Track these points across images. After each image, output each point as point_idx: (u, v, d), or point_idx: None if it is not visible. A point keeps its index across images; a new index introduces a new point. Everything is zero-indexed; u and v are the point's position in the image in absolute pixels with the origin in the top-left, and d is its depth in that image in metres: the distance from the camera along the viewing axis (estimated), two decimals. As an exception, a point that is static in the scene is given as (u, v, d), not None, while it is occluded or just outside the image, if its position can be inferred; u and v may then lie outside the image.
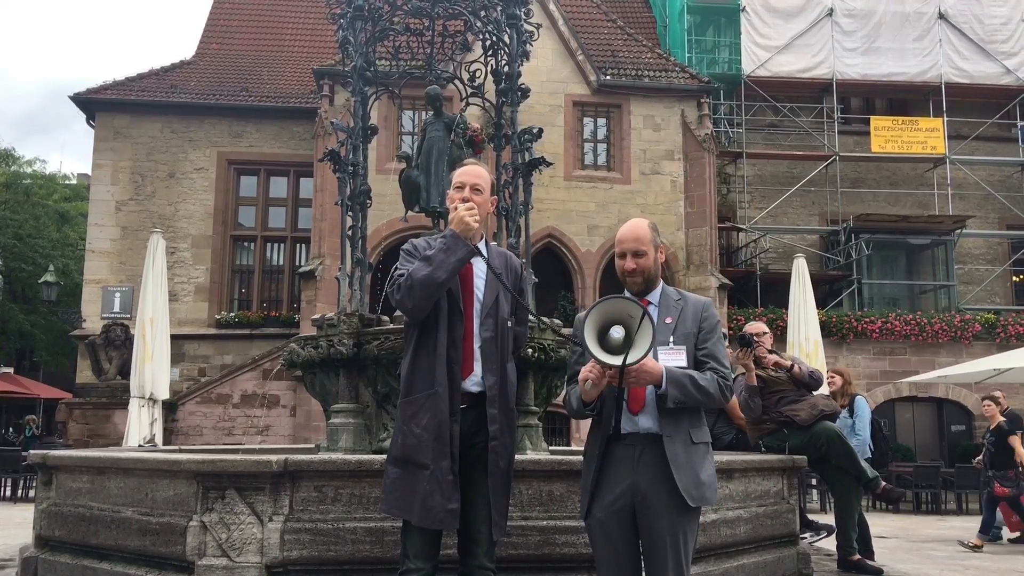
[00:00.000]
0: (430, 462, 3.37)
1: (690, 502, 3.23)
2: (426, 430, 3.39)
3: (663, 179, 20.06)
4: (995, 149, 23.79)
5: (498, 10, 6.82)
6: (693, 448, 3.31)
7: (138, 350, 12.40)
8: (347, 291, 6.47)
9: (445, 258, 3.41)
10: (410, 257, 3.54)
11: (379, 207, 7.62)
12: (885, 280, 23.07)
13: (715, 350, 3.40)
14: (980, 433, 20.06)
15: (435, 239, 3.63)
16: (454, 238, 3.47)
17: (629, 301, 3.21)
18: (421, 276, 3.38)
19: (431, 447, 3.38)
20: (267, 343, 19.83)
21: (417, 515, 3.36)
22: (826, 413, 6.51)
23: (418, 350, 3.49)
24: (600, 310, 3.18)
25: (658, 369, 3.21)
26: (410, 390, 3.47)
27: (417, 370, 3.47)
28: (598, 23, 22.10)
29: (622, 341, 3.12)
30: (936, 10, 23.04)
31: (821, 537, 7.39)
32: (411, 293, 3.40)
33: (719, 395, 3.31)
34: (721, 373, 3.34)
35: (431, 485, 3.35)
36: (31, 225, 30.34)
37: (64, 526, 5.27)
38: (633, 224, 3.56)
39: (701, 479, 3.28)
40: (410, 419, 3.42)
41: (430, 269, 3.39)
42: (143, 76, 22.28)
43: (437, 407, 3.41)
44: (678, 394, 3.23)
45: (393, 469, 3.46)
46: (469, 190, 3.60)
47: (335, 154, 6.66)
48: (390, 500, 3.45)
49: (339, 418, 5.86)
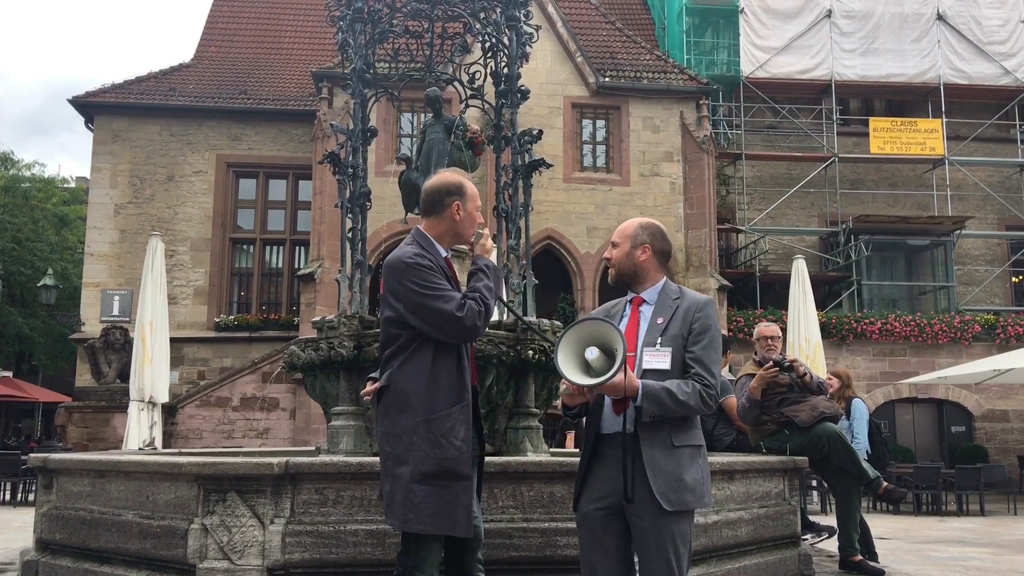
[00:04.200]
0: (470, 473, 3.42)
1: (666, 506, 3.21)
2: (465, 442, 3.40)
3: (662, 181, 20.07)
4: (994, 150, 23.81)
5: (497, 12, 6.82)
6: (675, 451, 3.26)
7: (137, 353, 12.39)
8: (347, 293, 6.46)
9: (499, 289, 3.66)
10: (439, 277, 3.45)
11: (379, 209, 7.61)
12: (885, 281, 23.07)
13: (703, 355, 3.31)
14: (980, 434, 20.13)
15: (466, 262, 3.84)
16: (497, 270, 3.69)
17: (603, 323, 3.25)
18: (490, 305, 3.52)
19: (469, 457, 3.42)
20: (266, 346, 19.80)
21: (463, 527, 3.36)
22: (827, 415, 6.52)
23: (437, 363, 3.44)
24: (576, 331, 3.27)
25: (633, 386, 3.20)
26: (434, 405, 3.39)
27: (440, 384, 3.42)
28: (597, 25, 22.12)
29: (601, 359, 3.20)
30: (934, 11, 23.06)
31: (823, 538, 7.39)
32: (487, 324, 3.55)
33: (700, 406, 3.25)
34: (704, 382, 3.25)
35: (472, 495, 3.41)
36: (30, 228, 30.30)
37: (65, 529, 5.26)
38: (627, 220, 3.66)
39: (684, 482, 3.23)
40: (448, 433, 3.36)
41: (494, 301, 3.57)
42: (142, 79, 22.28)
43: (469, 418, 3.46)
44: (654, 408, 3.22)
45: (423, 487, 3.32)
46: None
47: (334, 156, 6.66)
48: (427, 518, 3.32)
49: (340, 420, 5.85)
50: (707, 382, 3.26)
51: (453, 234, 3.64)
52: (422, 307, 3.39)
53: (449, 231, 3.62)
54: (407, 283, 3.41)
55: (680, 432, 3.29)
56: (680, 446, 3.28)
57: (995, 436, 20.11)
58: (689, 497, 3.24)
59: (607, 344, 3.20)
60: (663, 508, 3.20)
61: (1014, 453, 19.54)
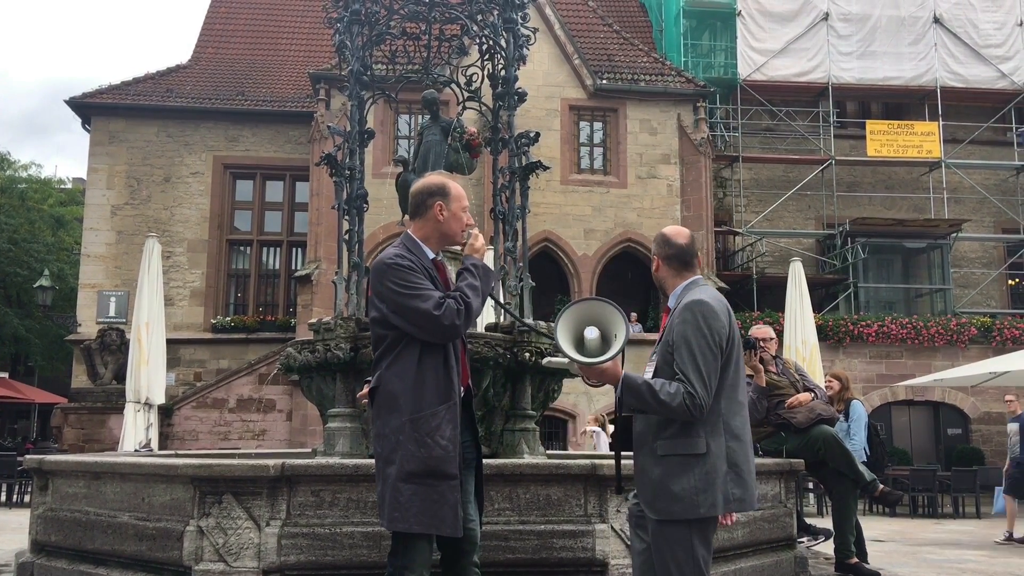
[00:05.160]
0: (456, 472, 3.42)
1: (651, 514, 3.22)
2: (451, 441, 3.41)
3: (659, 183, 20.09)
4: (990, 153, 23.85)
5: (495, 14, 6.83)
6: (662, 460, 3.23)
7: (134, 355, 12.40)
8: (344, 295, 6.47)
9: (487, 289, 3.62)
10: (419, 277, 3.47)
11: (376, 211, 7.63)
12: (881, 284, 23.09)
13: (682, 364, 3.19)
14: (975, 436, 20.15)
15: (458, 264, 3.74)
16: (486, 269, 3.65)
17: (613, 309, 3.21)
18: (476, 306, 3.52)
19: (456, 457, 3.42)
20: (263, 347, 19.78)
21: (450, 526, 3.36)
22: (823, 417, 6.52)
23: (423, 363, 3.46)
24: (583, 308, 3.26)
25: (615, 374, 3.19)
26: (420, 404, 3.41)
27: (426, 383, 3.44)
28: (594, 27, 22.14)
29: (597, 341, 3.18)
30: (931, 15, 23.10)
31: (819, 541, 7.39)
32: (469, 322, 3.53)
33: (683, 410, 3.14)
34: (687, 389, 3.14)
35: (458, 494, 3.41)
36: (26, 229, 30.26)
37: (60, 531, 5.25)
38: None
39: (671, 492, 3.18)
40: (433, 432, 3.38)
41: (480, 300, 3.56)
42: (139, 80, 22.25)
43: (456, 417, 3.46)
44: (633, 401, 3.21)
45: (409, 486, 3.34)
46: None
47: (332, 158, 6.66)
48: (413, 517, 3.33)
49: (336, 422, 5.85)
50: (689, 390, 3.15)
51: (440, 235, 3.65)
52: (402, 307, 3.42)
53: (435, 232, 3.64)
54: (388, 283, 3.46)
55: (666, 440, 3.23)
56: (667, 455, 3.22)
57: (991, 439, 20.10)
58: (676, 507, 3.18)
59: (608, 329, 3.18)
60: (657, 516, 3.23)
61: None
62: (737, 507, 3.28)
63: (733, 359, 3.31)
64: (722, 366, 3.26)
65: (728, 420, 3.27)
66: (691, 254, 3.48)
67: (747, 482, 3.28)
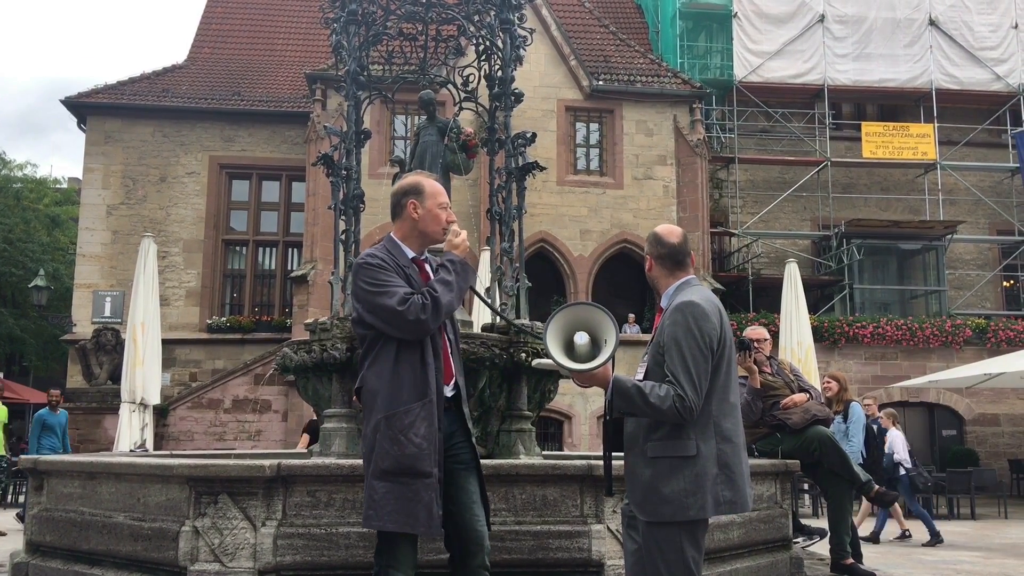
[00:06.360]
0: (432, 471, 3.38)
1: (641, 515, 3.23)
2: (425, 439, 3.39)
3: (655, 184, 20.10)
4: (985, 155, 23.89)
5: (491, 15, 6.82)
6: (652, 462, 3.22)
7: (129, 355, 12.38)
8: (340, 295, 6.46)
9: (464, 285, 3.57)
10: (388, 274, 3.48)
11: (372, 211, 7.62)
12: (876, 285, 23.11)
13: (671, 367, 3.17)
14: (970, 438, 20.19)
15: (437, 260, 3.69)
16: (464, 264, 3.62)
17: (603, 314, 3.20)
18: (447, 301, 3.49)
19: (431, 455, 3.40)
20: (259, 348, 19.76)
21: (424, 525, 3.35)
22: (819, 418, 6.54)
23: (400, 361, 3.46)
24: (573, 312, 3.24)
25: (604, 377, 3.17)
26: (396, 402, 3.41)
27: (403, 381, 3.44)
28: (590, 28, 22.15)
29: (587, 346, 3.18)
30: (927, 17, 23.15)
31: (814, 541, 7.40)
32: (438, 317, 3.47)
33: (674, 413, 3.12)
34: (676, 392, 3.12)
35: (434, 493, 3.37)
36: (21, 229, 30.19)
37: (55, 531, 5.24)
38: None
39: (661, 494, 3.17)
40: (407, 429, 3.38)
41: (453, 295, 3.52)
42: (135, 80, 22.22)
43: (432, 415, 3.43)
44: (623, 404, 3.20)
45: (383, 484, 3.36)
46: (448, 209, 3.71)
47: (328, 158, 6.65)
48: (387, 515, 3.34)
49: (332, 423, 5.84)
50: (679, 392, 3.12)
51: (419, 233, 3.65)
52: (371, 304, 3.45)
53: (413, 231, 3.65)
54: (359, 282, 3.50)
55: (657, 442, 3.22)
56: (657, 457, 3.21)
57: (986, 440, 20.16)
58: (666, 509, 3.17)
59: (597, 334, 3.17)
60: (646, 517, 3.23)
61: (1005, 457, 19.60)
62: (727, 509, 3.25)
63: (725, 361, 3.29)
64: (713, 368, 3.23)
65: (719, 422, 3.25)
66: (684, 253, 3.46)
67: (739, 484, 3.26)
